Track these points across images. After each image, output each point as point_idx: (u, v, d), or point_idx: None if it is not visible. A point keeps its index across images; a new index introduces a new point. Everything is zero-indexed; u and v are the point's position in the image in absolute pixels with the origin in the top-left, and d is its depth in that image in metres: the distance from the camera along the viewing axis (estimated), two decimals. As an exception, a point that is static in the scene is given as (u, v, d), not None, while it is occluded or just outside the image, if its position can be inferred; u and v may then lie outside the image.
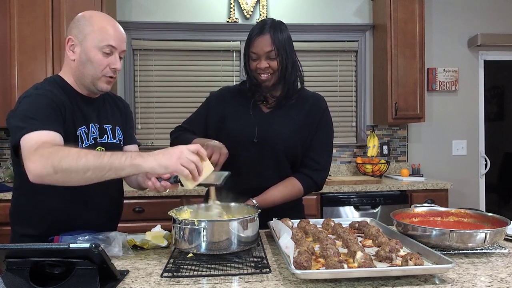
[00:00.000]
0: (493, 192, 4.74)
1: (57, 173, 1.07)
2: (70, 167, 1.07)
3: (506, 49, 3.90)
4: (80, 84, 1.37)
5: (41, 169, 1.07)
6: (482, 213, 1.37)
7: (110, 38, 1.31)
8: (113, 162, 1.08)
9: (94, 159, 1.08)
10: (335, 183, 3.12)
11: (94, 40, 1.30)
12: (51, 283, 0.92)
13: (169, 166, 1.09)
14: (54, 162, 1.07)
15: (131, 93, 3.55)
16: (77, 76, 1.36)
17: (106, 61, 1.32)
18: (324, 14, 3.71)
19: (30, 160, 1.09)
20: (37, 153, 1.09)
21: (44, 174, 1.08)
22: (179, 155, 1.10)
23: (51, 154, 1.08)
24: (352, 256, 1.08)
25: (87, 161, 1.07)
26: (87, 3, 3.09)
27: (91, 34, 1.30)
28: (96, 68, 1.32)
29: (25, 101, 1.26)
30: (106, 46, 1.31)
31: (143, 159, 1.09)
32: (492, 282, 0.97)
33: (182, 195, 2.88)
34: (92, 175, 1.09)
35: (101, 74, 1.33)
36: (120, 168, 1.09)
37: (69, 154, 1.08)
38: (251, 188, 1.55)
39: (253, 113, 1.62)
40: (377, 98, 3.67)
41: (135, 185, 1.55)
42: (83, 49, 1.31)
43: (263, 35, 1.52)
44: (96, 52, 1.31)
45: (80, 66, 1.33)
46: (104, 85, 1.36)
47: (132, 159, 1.09)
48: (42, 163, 1.07)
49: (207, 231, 1.12)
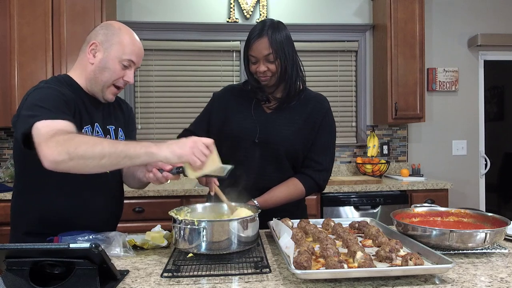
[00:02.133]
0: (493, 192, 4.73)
1: (72, 160, 1.06)
2: (86, 154, 1.07)
3: (506, 49, 3.90)
4: (89, 87, 1.40)
5: (56, 155, 1.06)
6: (482, 213, 1.37)
7: (133, 54, 1.37)
8: (128, 149, 1.09)
9: (110, 146, 1.09)
10: (335, 183, 3.13)
11: (118, 51, 1.35)
12: (51, 283, 0.92)
13: (183, 155, 1.12)
14: (70, 149, 1.06)
15: (131, 93, 3.55)
16: (90, 79, 1.38)
17: (122, 73, 1.38)
18: (324, 14, 3.72)
19: (46, 145, 1.08)
20: (53, 139, 1.08)
21: (59, 160, 1.07)
22: (193, 145, 1.14)
23: (67, 140, 1.08)
24: (352, 256, 1.08)
25: (103, 148, 1.08)
26: (87, 3, 3.09)
27: (116, 45, 1.35)
28: (111, 76, 1.37)
29: (35, 93, 1.25)
30: (127, 60, 1.36)
31: (158, 148, 1.11)
32: (492, 282, 0.97)
33: (182, 195, 2.88)
34: (107, 162, 1.09)
35: (112, 83, 1.38)
36: (135, 156, 1.10)
37: (85, 141, 1.09)
38: (253, 188, 1.55)
39: (255, 113, 1.62)
40: (377, 98, 3.67)
41: (135, 183, 1.54)
42: (105, 56, 1.35)
43: (261, 38, 1.51)
44: (116, 63, 1.36)
45: (97, 71, 1.36)
46: (110, 96, 1.41)
47: (147, 148, 1.10)
48: (58, 149, 1.06)
49: (207, 231, 1.12)
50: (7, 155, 3.45)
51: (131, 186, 1.57)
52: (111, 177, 1.45)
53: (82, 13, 3.10)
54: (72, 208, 1.35)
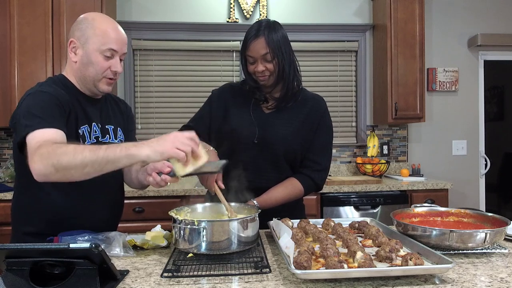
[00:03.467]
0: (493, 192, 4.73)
1: (58, 172, 1.08)
2: (69, 165, 1.08)
3: (506, 49, 3.90)
4: (82, 85, 1.39)
5: (44, 169, 1.09)
6: (482, 213, 1.37)
7: (112, 41, 1.33)
8: (108, 155, 1.08)
9: (91, 154, 1.08)
10: (335, 183, 3.12)
11: (96, 43, 1.32)
12: (51, 283, 0.92)
13: (164, 151, 1.09)
14: (54, 161, 1.08)
15: (131, 93, 3.55)
16: (79, 77, 1.37)
17: (107, 64, 1.34)
18: (324, 14, 3.72)
19: (33, 160, 1.11)
20: (37, 153, 1.10)
21: (47, 174, 1.09)
22: (173, 139, 1.11)
23: (50, 153, 1.09)
24: (352, 256, 1.08)
25: (84, 157, 1.08)
26: (87, 3, 3.09)
27: (93, 38, 1.32)
28: (97, 70, 1.34)
29: (29, 98, 1.26)
30: (107, 49, 1.33)
31: (137, 148, 1.09)
32: (492, 282, 0.97)
33: (182, 195, 2.88)
34: (90, 170, 1.09)
35: (102, 76, 1.35)
36: (116, 160, 1.09)
37: (66, 151, 1.09)
38: (251, 188, 1.55)
39: (253, 113, 1.62)
40: (377, 98, 3.67)
41: (137, 185, 1.54)
42: (85, 52, 1.33)
43: (258, 38, 1.52)
44: (97, 55, 1.33)
45: (82, 68, 1.35)
46: (105, 87, 1.38)
47: (126, 150, 1.09)
48: (44, 163, 1.09)
49: (207, 231, 1.12)
50: (7, 155, 3.45)
51: (132, 187, 1.57)
52: (111, 177, 1.44)
53: (82, 13, 3.07)
54: (72, 208, 1.35)
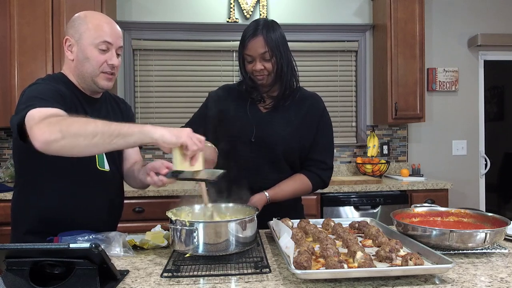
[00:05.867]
0: (493, 192, 4.73)
1: (64, 138, 1.04)
2: (78, 131, 1.05)
3: (506, 49, 3.90)
4: (82, 83, 1.38)
5: (48, 135, 1.05)
6: (482, 213, 1.37)
7: (105, 34, 1.33)
8: (121, 128, 1.08)
9: (103, 124, 1.07)
10: (335, 183, 3.13)
11: (89, 37, 1.32)
12: (51, 283, 0.92)
13: (180, 136, 1.10)
14: (63, 127, 1.05)
15: (131, 93, 3.55)
16: (77, 75, 1.37)
17: (103, 58, 1.33)
18: (324, 14, 3.72)
19: (37, 127, 1.07)
20: (45, 121, 1.08)
21: (51, 140, 1.05)
22: (189, 132, 1.13)
23: (60, 120, 1.08)
24: (352, 256, 1.08)
25: (96, 126, 1.06)
26: (87, 3, 3.09)
27: (86, 32, 1.32)
28: (93, 65, 1.33)
29: (31, 88, 1.26)
30: (101, 42, 1.32)
31: (153, 127, 1.09)
32: (492, 282, 0.97)
33: (182, 195, 2.88)
34: (99, 141, 1.06)
35: (99, 71, 1.34)
36: (129, 134, 1.08)
37: (78, 120, 1.09)
38: (249, 188, 1.54)
39: (250, 113, 1.62)
40: (377, 98, 3.67)
41: (139, 184, 1.53)
42: (79, 47, 1.33)
43: (256, 36, 1.52)
44: (92, 50, 1.32)
45: (79, 65, 1.34)
46: (104, 82, 1.37)
47: (141, 126, 1.09)
48: (50, 129, 1.05)
49: (202, 232, 1.11)
50: (7, 155, 3.45)
51: (133, 186, 1.57)
52: (112, 177, 1.45)
53: (82, 13, 3.09)
54: (72, 208, 1.35)
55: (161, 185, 1.26)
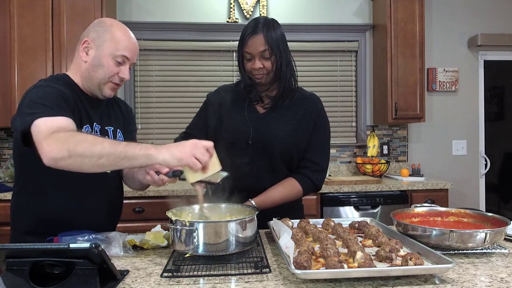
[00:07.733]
0: (493, 192, 4.72)
1: (71, 157, 1.06)
2: (85, 153, 1.07)
3: (506, 49, 3.90)
4: (86, 85, 1.39)
5: (56, 152, 1.06)
6: (482, 213, 1.37)
7: (126, 49, 1.36)
8: (127, 151, 1.09)
9: (110, 146, 1.08)
10: (335, 183, 3.13)
11: (110, 48, 1.34)
12: (51, 283, 0.92)
13: (182, 158, 1.10)
14: (70, 147, 1.06)
15: (131, 93, 3.55)
16: (85, 77, 1.38)
17: (116, 69, 1.36)
18: (324, 14, 3.72)
19: (46, 143, 1.09)
20: (53, 136, 1.09)
21: (58, 158, 1.07)
22: (193, 147, 1.12)
23: (67, 138, 1.09)
24: (352, 256, 1.08)
25: (103, 148, 1.07)
26: (87, 3, 3.09)
27: (109, 42, 1.34)
28: (106, 74, 1.35)
29: (34, 91, 1.25)
30: (120, 56, 1.35)
31: (157, 150, 1.10)
32: (492, 282, 0.97)
33: (182, 195, 2.88)
34: (105, 162, 1.08)
35: (108, 80, 1.37)
36: (134, 157, 1.09)
37: (85, 139, 1.09)
38: (247, 189, 1.54)
39: (248, 114, 1.61)
40: (377, 98, 3.67)
41: (137, 185, 1.53)
42: (98, 53, 1.35)
43: (256, 34, 1.50)
44: (109, 60, 1.34)
45: (91, 69, 1.36)
46: (109, 91, 1.40)
47: (146, 149, 1.10)
48: (58, 147, 1.07)
49: (202, 232, 1.11)
50: (7, 155, 3.45)
51: (132, 187, 1.57)
52: (111, 177, 1.45)
53: (82, 13, 3.10)
54: (72, 208, 1.35)
55: (161, 184, 1.26)
